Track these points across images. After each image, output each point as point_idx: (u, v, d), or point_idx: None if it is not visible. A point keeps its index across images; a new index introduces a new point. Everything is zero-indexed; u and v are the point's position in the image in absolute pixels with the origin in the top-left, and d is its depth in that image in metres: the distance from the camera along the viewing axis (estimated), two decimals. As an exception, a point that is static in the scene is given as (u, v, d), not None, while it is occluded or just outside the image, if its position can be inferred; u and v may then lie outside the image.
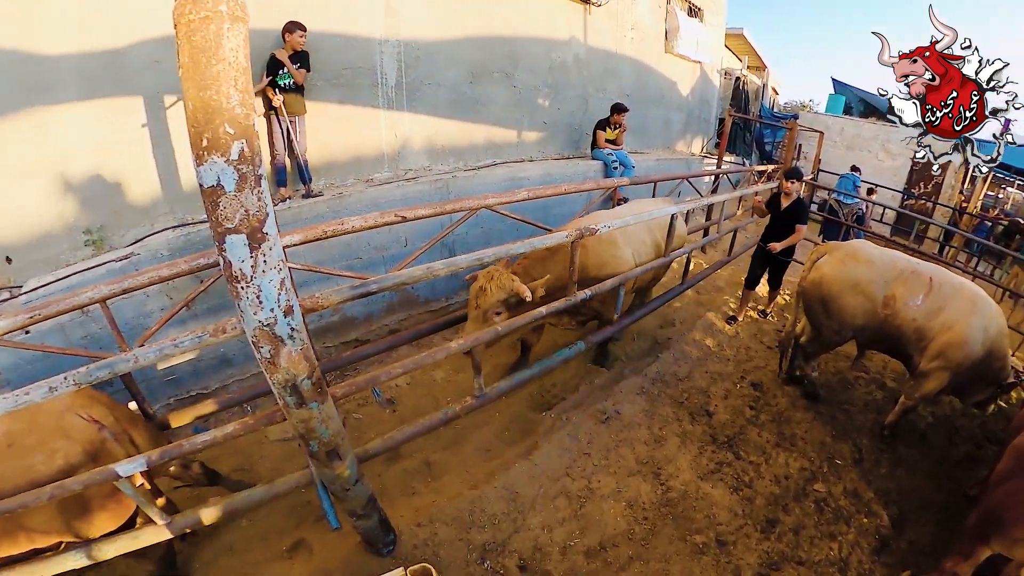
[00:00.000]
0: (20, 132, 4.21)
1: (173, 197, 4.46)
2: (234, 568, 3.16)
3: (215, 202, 1.51)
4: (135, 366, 1.88)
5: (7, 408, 1.98)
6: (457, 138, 5.89)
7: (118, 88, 4.22)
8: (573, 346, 3.42)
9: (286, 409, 1.87)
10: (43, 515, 2.60)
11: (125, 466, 2.17)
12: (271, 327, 1.67)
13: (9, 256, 4.41)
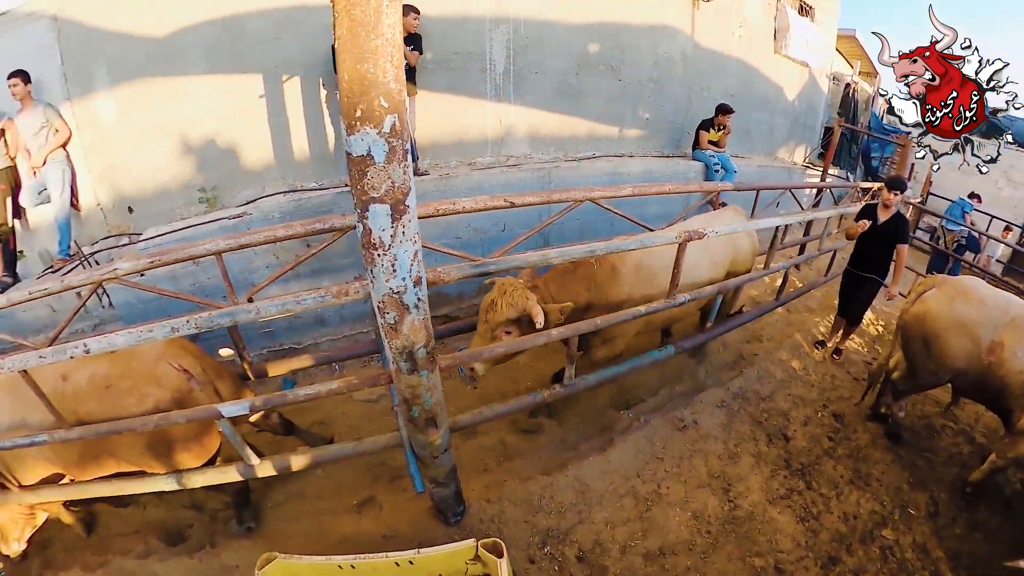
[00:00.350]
0: (148, 98, 4.65)
1: (284, 164, 4.76)
2: (303, 513, 3.39)
3: (363, 171, 1.56)
4: (256, 317, 2.02)
5: (131, 342, 2.16)
6: (559, 128, 5.87)
7: (239, 62, 4.55)
8: (664, 349, 3.34)
9: (397, 374, 1.95)
10: (132, 446, 2.87)
11: (229, 408, 2.35)
12: (400, 295, 1.74)
13: (131, 207, 4.92)
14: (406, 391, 2.02)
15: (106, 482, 3.07)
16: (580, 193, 2.95)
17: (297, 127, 4.70)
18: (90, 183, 4.86)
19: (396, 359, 1.90)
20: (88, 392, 2.75)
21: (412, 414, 2.12)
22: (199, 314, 2.06)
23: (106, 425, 2.59)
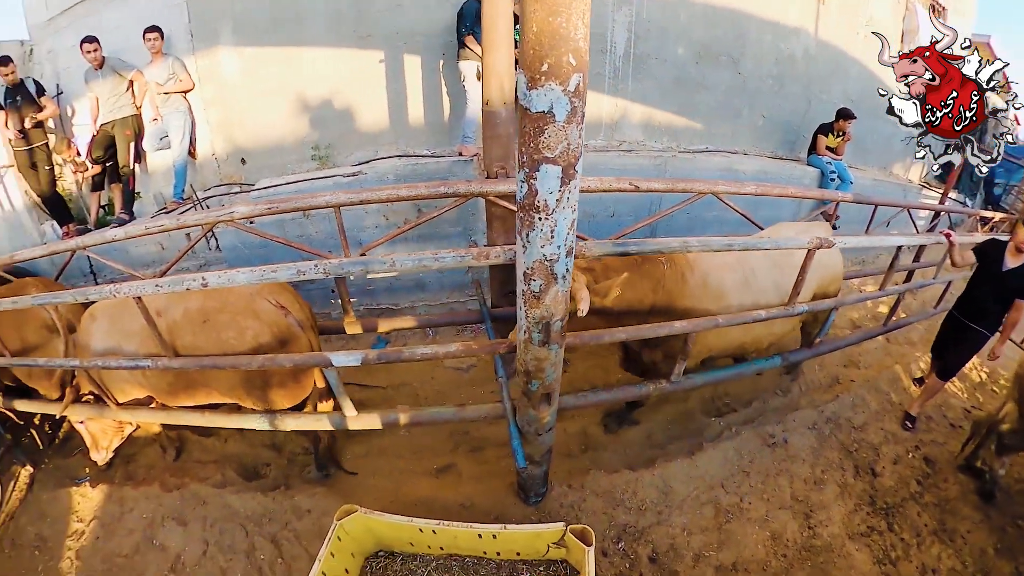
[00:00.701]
0: (269, 56, 4.84)
1: (398, 129, 4.85)
2: (382, 469, 3.47)
3: (540, 128, 1.50)
4: (389, 270, 2.03)
5: (252, 280, 2.21)
6: (675, 117, 5.69)
7: (360, 26, 4.64)
8: (770, 359, 3.16)
9: (527, 344, 1.92)
10: (228, 379, 2.99)
11: (339, 357, 2.39)
12: (552, 263, 1.69)
13: (244, 158, 5.17)
14: (531, 363, 1.98)
15: (199, 412, 3.23)
16: (704, 186, 2.83)
17: (414, 94, 4.78)
18: (208, 134, 5.15)
19: (530, 329, 1.86)
20: (184, 326, 2.87)
21: (530, 387, 2.08)
22: (330, 260, 2.09)
23: (210, 359, 2.70)
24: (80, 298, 2.91)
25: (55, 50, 5.67)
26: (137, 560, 3.33)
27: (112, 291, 2.66)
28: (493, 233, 3.31)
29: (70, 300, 3.10)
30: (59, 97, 5.62)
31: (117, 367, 2.96)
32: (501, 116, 3.17)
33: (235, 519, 3.28)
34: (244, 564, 3.06)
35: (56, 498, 4.00)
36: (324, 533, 3.02)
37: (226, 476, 3.69)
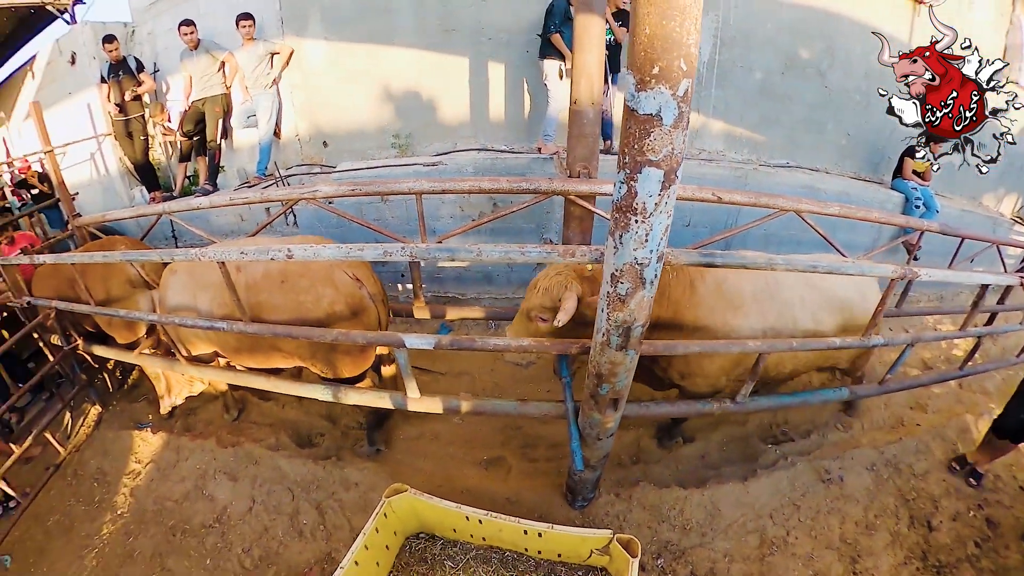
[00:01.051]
0: (354, 45, 5.00)
1: (477, 123, 4.93)
2: (432, 454, 3.52)
3: (646, 131, 1.50)
4: (476, 259, 2.06)
5: (339, 256, 2.26)
6: (757, 129, 5.48)
7: (446, 20, 4.72)
8: (838, 390, 3.01)
9: (604, 347, 1.91)
10: (297, 346, 3.07)
11: (412, 339, 2.43)
12: (643, 267, 1.68)
13: (326, 141, 5.38)
14: (605, 366, 1.97)
15: (264, 376, 3.35)
16: (787, 203, 2.74)
17: (495, 89, 4.84)
18: (292, 116, 5.40)
19: (609, 332, 1.85)
20: (262, 284, 2.99)
21: (600, 391, 2.07)
22: (417, 245, 2.15)
23: (284, 328, 2.80)
24: (167, 259, 3.07)
25: (154, 32, 6.08)
26: (185, 506, 3.53)
27: (197, 254, 2.78)
28: (569, 232, 3.30)
29: (156, 259, 3.31)
30: (156, 74, 6.03)
31: (193, 326, 3.10)
32: (588, 116, 3.15)
33: (283, 482, 3.41)
34: (286, 525, 3.18)
35: (119, 438, 4.30)
36: (369, 507, 3.13)
37: (280, 440, 3.83)
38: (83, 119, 6.51)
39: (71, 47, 6.44)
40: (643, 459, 3.31)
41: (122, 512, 3.65)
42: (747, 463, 3.40)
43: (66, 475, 4.15)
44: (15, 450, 4.06)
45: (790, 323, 2.77)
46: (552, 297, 2.51)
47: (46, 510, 3.90)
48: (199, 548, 3.23)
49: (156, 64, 6.04)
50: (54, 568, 3.41)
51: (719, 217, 4.49)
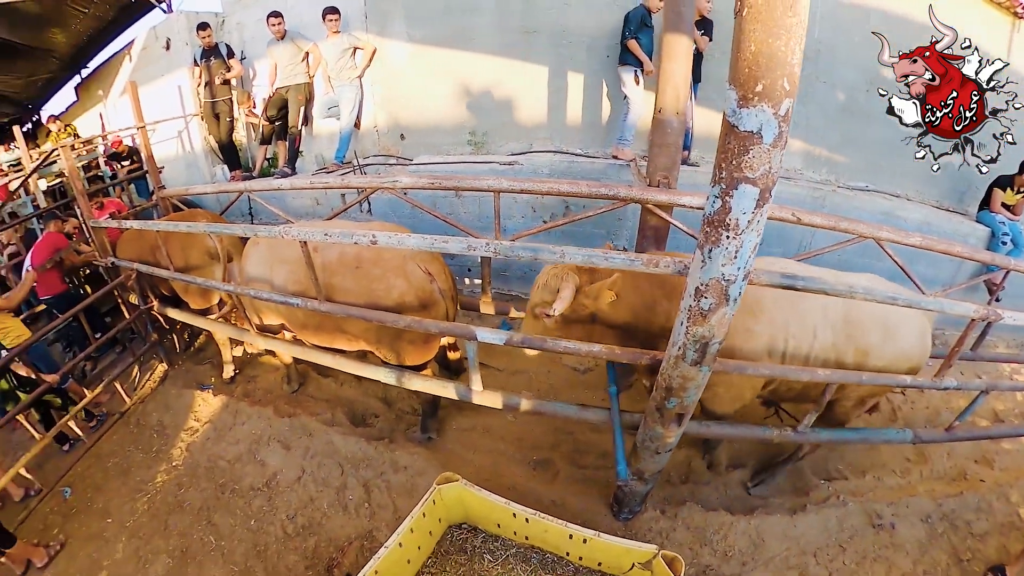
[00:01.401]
0: (435, 42, 5.13)
1: (554, 126, 4.95)
2: (482, 447, 3.56)
3: (746, 148, 1.51)
4: (559, 259, 2.09)
5: (423, 246, 2.32)
6: (837, 149, 5.16)
7: (527, 21, 4.77)
8: (901, 431, 2.88)
9: (678, 360, 1.91)
10: (366, 326, 3.14)
11: (484, 333, 2.49)
12: (728, 284, 1.68)
13: (403, 134, 5.56)
14: (676, 379, 1.97)
15: (330, 354, 3.47)
16: (867, 229, 2.65)
17: (573, 93, 4.84)
18: (372, 108, 5.59)
19: (686, 345, 1.85)
20: (336, 266, 3.10)
21: (667, 404, 2.07)
22: (501, 242, 2.20)
23: (358, 310, 2.90)
24: (249, 233, 3.25)
25: (243, 22, 6.43)
26: (237, 467, 3.70)
27: (281, 231, 2.92)
28: (644, 241, 3.28)
29: (240, 233, 3.48)
30: (243, 61, 6.37)
31: (268, 299, 3.24)
32: (672, 125, 3.14)
33: (334, 456, 3.54)
34: (332, 498, 3.29)
35: (181, 396, 4.58)
36: (415, 491, 3.20)
37: (335, 416, 3.97)
38: (173, 100, 6.96)
39: (166, 33, 6.89)
40: (692, 479, 3.26)
41: (176, 465, 3.89)
42: (797, 496, 3.30)
43: (129, 423, 4.47)
44: (87, 394, 4.40)
45: (809, 334, 2.59)
46: (551, 290, 2.53)
47: (107, 453, 4.21)
48: (245, 508, 3.38)
49: (243, 52, 6.39)
50: (109, 506, 3.65)
51: (793, 237, 4.33)
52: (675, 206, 2.88)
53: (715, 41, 4.36)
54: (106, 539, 3.38)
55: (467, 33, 4.95)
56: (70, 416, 4.15)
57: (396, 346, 3.16)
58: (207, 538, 3.23)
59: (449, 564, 2.60)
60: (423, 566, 2.58)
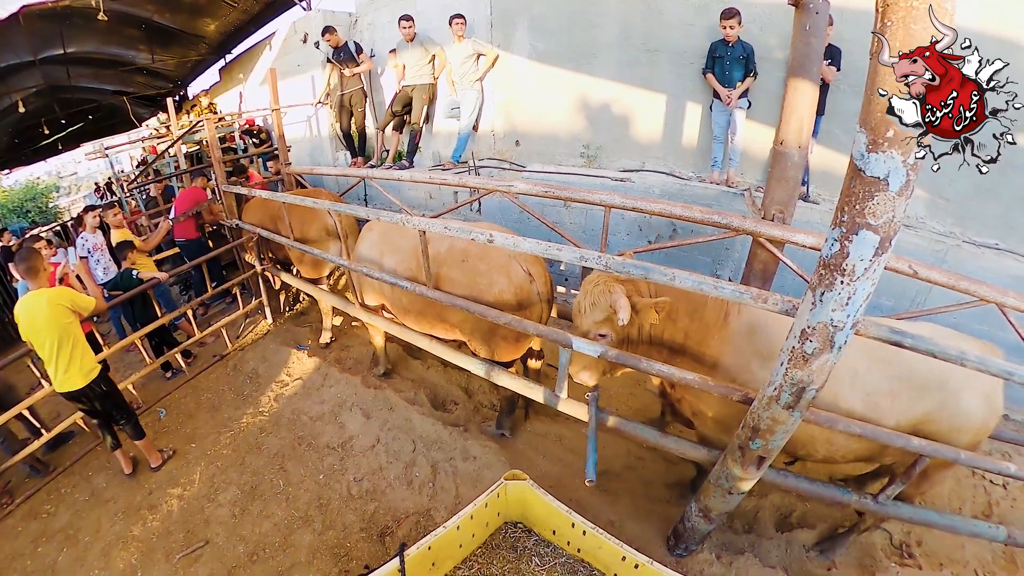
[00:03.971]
0: (556, 54, 5.27)
1: (668, 147, 4.92)
2: (552, 454, 3.62)
3: (870, 193, 1.49)
4: (667, 282, 2.10)
5: (538, 251, 2.38)
6: (966, 199, 4.64)
7: (649, 40, 4.78)
8: (994, 527, 2.59)
9: (771, 402, 1.89)
10: (464, 317, 3.30)
11: (579, 343, 2.54)
12: (836, 331, 1.65)
13: (518, 140, 5.79)
14: (765, 421, 1.94)
15: (428, 338, 3.68)
16: (991, 292, 2.46)
17: (691, 115, 4.78)
18: (491, 113, 5.88)
19: (782, 388, 1.84)
20: (445, 257, 3.30)
21: (751, 445, 2.03)
22: (613, 257, 2.24)
23: (463, 301, 3.08)
24: (372, 217, 3.51)
25: (374, 23, 6.99)
26: (318, 425, 3.99)
27: (403, 219, 3.13)
28: (751, 274, 3.20)
29: (363, 216, 3.81)
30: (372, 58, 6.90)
31: (379, 279, 3.51)
32: (793, 159, 3.06)
33: (410, 433, 3.75)
34: (399, 471, 3.47)
35: (279, 351, 5.03)
36: (480, 481, 3.31)
37: (417, 397, 4.20)
38: (306, 88, 7.71)
39: (304, 28, 7.62)
40: (756, 530, 3.14)
41: (262, 411, 4.27)
42: (862, 572, 3.07)
43: (227, 366, 5.00)
44: (197, 334, 4.97)
45: (829, 396, 2.25)
46: (602, 308, 2.44)
47: (204, 387, 4.74)
48: (317, 463, 3.65)
49: (372, 50, 6.91)
50: (195, 433, 4.10)
51: (906, 291, 4.01)
52: (788, 243, 2.83)
53: (842, 71, 4.10)
54: (187, 460, 3.81)
55: (589, 47, 5.06)
56: (179, 348, 4.73)
57: (489, 340, 3.31)
58: (277, 481, 3.54)
59: (497, 558, 2.63)
60: (472, 553, 2.64)
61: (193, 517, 3.32)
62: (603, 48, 5.01)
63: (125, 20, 7.92)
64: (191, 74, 11.73)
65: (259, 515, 3.29)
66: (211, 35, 9.59)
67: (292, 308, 6.10)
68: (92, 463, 3.93)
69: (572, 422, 3.88)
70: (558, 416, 3.93)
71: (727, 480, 2.25)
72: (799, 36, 2.98)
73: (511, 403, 3.69)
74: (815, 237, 2.66)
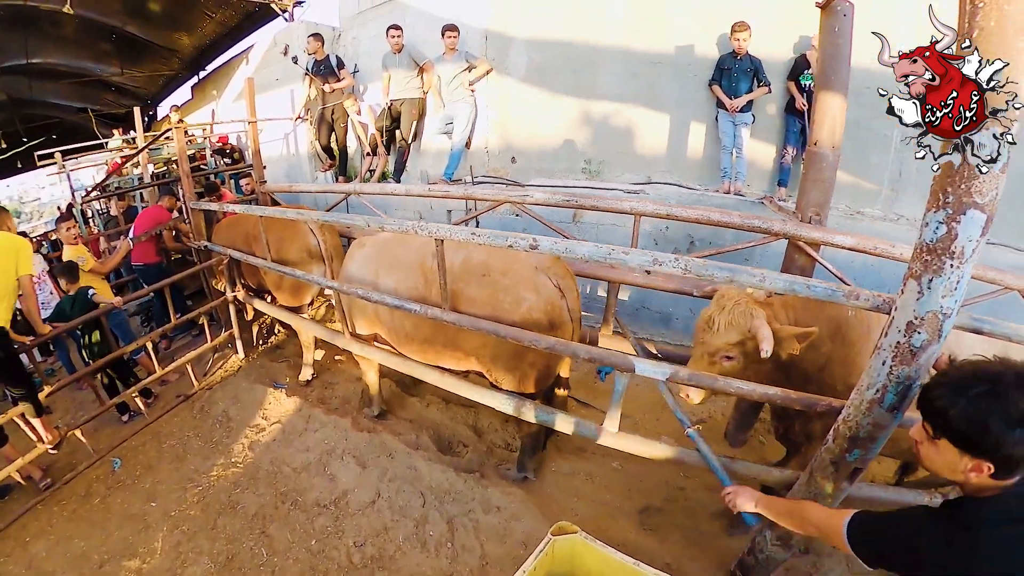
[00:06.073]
0: (554, 68, 5.05)
1: (674, 159, 4.78)
2: (585, 496, 3.17)
3: (975, 172, 1.46)
4: (758, 282, 1.89)
5: (599, 256, 2.13)
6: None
7: (650, 50, 4.68)
8: None
9: (872, 404, 1.66)
10: (482, 343, 2.86)
11: (643, 365, 2.23)
12: (945, 318, 1.52)
13: (514, 157, 5.51)
14: (865, 428, 1.70)
15: (435, 370, 3.14)
16: (1015, 280, 2.46)
17: (696, 128, 4.69)
18: (485, 129, 5.59)
19: (886, 388, 1.62)
20: (460, 274, 2.85)
21: (846, 457, 1.79)
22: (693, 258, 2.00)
23: (489, 324, 2.60)
24: (375, 225, 3.02)
25: (358, 37, 6.72)
26: (303, 478, 3.39)
27: (415, 227, 2.71)
28: None
29: (361, 224, 3.16)
30: (355, 74, 6.60)
31: (379, 301, 3.02)
32: (827, 159, 2.98)
33: (417, 484, 3.20)
34: (409, 530, 2.92)
35: (252, 390, 4.38)
36: (509, 536, 2.85)
37: (420, 440, 3.64)
38: (285, 103, 7.29)
39: (285, 40, 7.31)
40: (814, 549, 2.81)
41: (236, 461, 3.64)
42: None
43: (193, 408, 4.32)
44: (158, 370, 4.32)
45: None
46: (740, 330, 2.21)
47: (166, 433, 4.05)
48: (307, 525, 3.05)
49: (356, 65, 6.62)
50: (157, 489, 3.45)
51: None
52: (828, 244, 2.77)
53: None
54: (147, 524, 3.17)
55: (589, 61, 4.92)
56: (137, 387, 4.12)
57: (515, 368, 2.85)
58: (258, 550, 2.92)
59: None
60: None
61: (155, 600, 2.67)
62: (605, 62, 4.88)
63: (95, 30, 7.43)
64: (162, 91, 11.34)
65: (239, 595, 2.67)
66: (185, 49, 9.23)
67: (266, 342, 5.48)
68: (31, 526, 3.27)
69: (599, 457, 3.52)
70: (583, 451, 3.57)
71: (815, 499, 1.93)
72: (827, 38, 2.94)
73: (535, 441, 3.22)
74: (854, 238, 2.68)
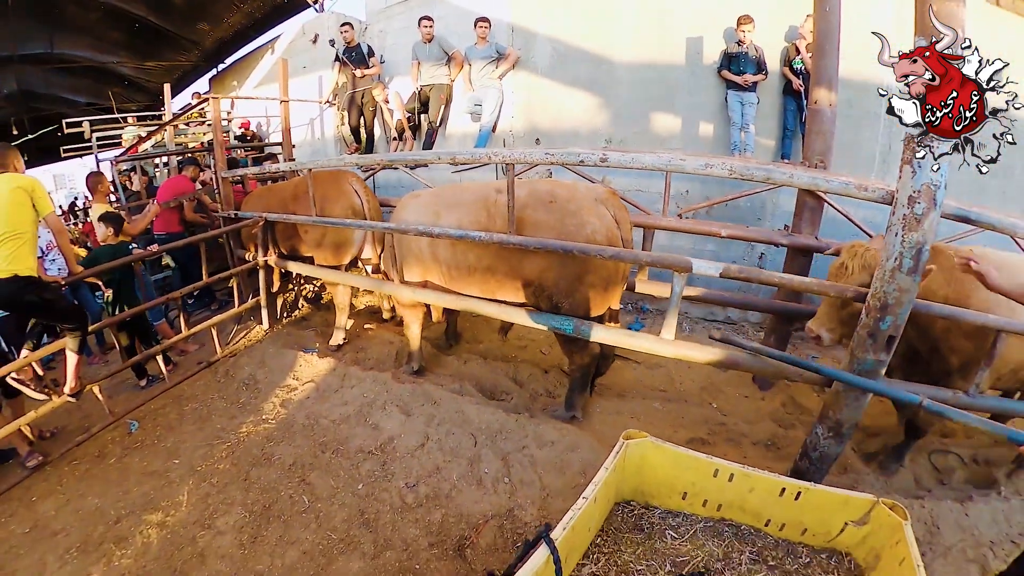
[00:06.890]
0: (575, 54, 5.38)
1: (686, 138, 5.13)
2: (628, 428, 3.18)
3: None
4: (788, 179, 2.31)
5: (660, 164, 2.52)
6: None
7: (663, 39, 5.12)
8: None
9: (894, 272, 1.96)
10: (546, 267, 3.02)
11: (701, 264, 2.47)
12: (936, 188, 1.86)
13: (538, 139, 5.76)
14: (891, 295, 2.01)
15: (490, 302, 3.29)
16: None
17: (709, 108, 5.08)
18: (510, 112, 5.83)
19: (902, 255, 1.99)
20: (527, 201, 3.06)
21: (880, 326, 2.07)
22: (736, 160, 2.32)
23: (558, 242, 2.83)
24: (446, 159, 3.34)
25: (385, 30, 6.97)
26: (343, 428, 3.33)
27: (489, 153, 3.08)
28: (800, 221, 3.64)
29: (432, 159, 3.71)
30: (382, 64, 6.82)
31: (441, 234, 3.19)
32: (826, 115, 3.51)
33: (466, 426, 3.19)
34: (463, 469, 2.91)
35: (280, 355, 4.29)
36: (567, 467, 2.89)
37: (464, 388, 3.67)
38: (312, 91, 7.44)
39: (315, 30, 7.50)
40: (850, 469, 2.98)
41: (267, 418, 3.55)
42: (957, 490, 3.00)
43: (217, 373, 4.21)
44: (184, 331, 4.28)
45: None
46: (871, 269, 2.40)
47: (188, 396, 3.94)
48: (351, 471, 2.98)
49: (382, 57, 6.84)
50: (179, 447, 3.33)
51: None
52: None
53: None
54: (169, 480, 3.05)
55: (608, 48, 5.31)
56: (161, 347, 4.03)
57: (575, 290, 3.02)
58: (298, 497, 2.84)
59: (624, 543, 2.17)
60: (591, 545, 2.15)
61: (182, 551, 2.55)
62: (622, 49, 5.26)
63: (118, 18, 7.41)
64: (178, 86, 11.03)
65: (279, 542, 2.58)
66: (206, 41, 9.17)
67: (290, 315, 5.44)
68: (37, 487, 3.10)
69: (639, 400, 3.67)
70: (623, 396, 3.69)
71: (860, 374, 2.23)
72: (820, 15, 3.48)
73: (584, 379, 3.31)
74: (856, 179, 2.89)
